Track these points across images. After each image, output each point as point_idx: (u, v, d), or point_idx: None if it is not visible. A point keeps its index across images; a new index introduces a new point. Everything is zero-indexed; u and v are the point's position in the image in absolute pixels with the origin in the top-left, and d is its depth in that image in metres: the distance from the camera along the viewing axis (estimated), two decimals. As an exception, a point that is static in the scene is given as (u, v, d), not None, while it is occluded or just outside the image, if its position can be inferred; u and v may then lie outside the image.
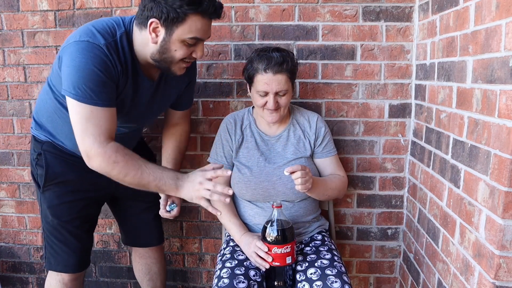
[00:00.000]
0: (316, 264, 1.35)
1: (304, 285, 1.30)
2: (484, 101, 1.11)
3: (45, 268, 1.90)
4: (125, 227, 1.72)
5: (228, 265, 1.37)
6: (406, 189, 1.84)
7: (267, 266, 1.32)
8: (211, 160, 1.57)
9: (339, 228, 1.90)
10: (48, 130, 1.41)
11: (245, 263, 1.38)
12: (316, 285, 1.27)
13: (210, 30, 1.26)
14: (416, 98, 1.72)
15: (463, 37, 1.25)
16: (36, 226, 2.00)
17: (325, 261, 1.35)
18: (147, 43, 1.22)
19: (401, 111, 1.77)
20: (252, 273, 1.34)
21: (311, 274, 1.31)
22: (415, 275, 1.70)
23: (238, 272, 1.33)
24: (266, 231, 1.32)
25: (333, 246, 1.48)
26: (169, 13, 1.14)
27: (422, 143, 1.63)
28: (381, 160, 1.82)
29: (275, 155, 1.51)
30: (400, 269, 1.92)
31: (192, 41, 1.21)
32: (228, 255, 1.43)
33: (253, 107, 1.57)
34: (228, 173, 1.20)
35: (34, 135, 1.45)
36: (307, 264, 1.37)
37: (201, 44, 1.26)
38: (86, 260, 1.55)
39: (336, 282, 1.26)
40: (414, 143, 1.74)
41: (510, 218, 1.01)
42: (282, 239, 1.30)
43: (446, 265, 1.37)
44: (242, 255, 1.42)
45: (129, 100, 1.32)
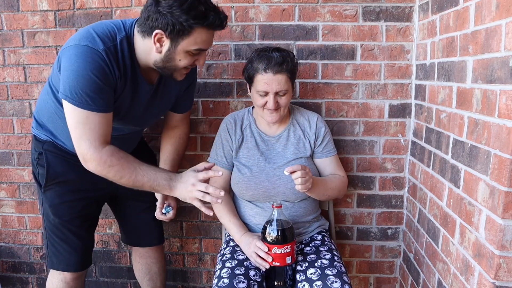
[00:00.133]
0: (316, 264, 1.35)
1: (304, 285, 1.30)
2: (484, 101, 1.11)
3: (46, 267, 1.90)
4: (125, 227, 1.72)
5: (228, 265, 1.37)
6: (406, 189, 1.84)
7: (267, 266, 1.32)
8: (211, 160, 1.57)
9: (339, 228, 1.90)
10: (49, 130, 1.41)
11: (245, 263, 1.38)
12: (316, 285, 1.27)
13: (213, 40, 1.28)
14: (416, 98, 1.72)
15: (463, 37, 1.25)
16: (36, 226, 2.00)
17: (325, 261, 1.35)
18: (150, 51, 1.23)
19: (401, 111, 1.77)
20: (252, 273, 1.34)
21: (311, 274, 1.31)
22: (415, 275, 1.70)
23: (238, 272, 1.33)
24: (266, 231, 1.32)
25: (333, 246, 1.48)
26: (174, 26, 1.15)
27: (422, 143, 1.63)
28: (381, 160, 1.82)
29: (275, 155, 1.51)
30: (400, 269, 1.92)
31: (196, 51, 1.23)
32: (228, 255, 1.43)
33: (253, 107, 1.57)
34: (220, 173, 1.22)
35: (35, 134, 1.45)
36: (307, 264, 1.37)
37: (204, 53, 1.28)
38: (88, 259, 1.56)
39: (336, 282, 1.26)
40: (414, 143, 1.74)
41: (510, 218, 1.01)
42: (282, 239, 1.30)
43: (446, 265, 1.36)
44: (242, 255, 1.42)
45: (127, 103, 1.32)
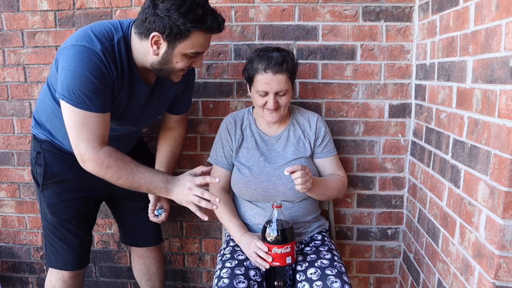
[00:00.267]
0: (316, 264, 1.35)
1: (304, 285, 1.30)
2: (484, 101, 1.11)
3: (45, 266, 1.90)
4: (123, 227, 1.72)
5: (228, 265, 1.37)
6: (406, 189, 1.84)
7: (267, 266, 1.32)
8: (211, 160, 1.58)
9: (339, 228, 1.90)
10: (47, 129, 1.41)
11: (245, 263, 1.38)
12: (316, 285, 1.27)
13: (210, 42, 1.28)
14: (416, 98, 1.72)
15: (463, 37, 1.25)
16: (36, 226, 2.00)
17: (325, 261, 1.35)
18: (147, 53, 1.23)
19: (401, 111, 1.77)
20: (252, 273, 1.34)
21: (311, 274, 1.31)
22: (415, 275, 1.70)
23: (238, 272, 1.32)
24: (266, 231, 1.32)
25: (333, 246, 1.48)
26: (172, 29, 1.15)
27: (422, 143, 1.63)
28: (381, 160, 1.82)
29: (275, 155, 1.51)
30: (400, 269, 1.91)
31: (193, 54, 1.23)
32: (228, 255, 1.43)
33: (253, 107, 1.57)
34: (217, 179, 1.22)
35: (34, 133, 1.45)
36: (307, 264, 1.37)
37: (201, 55, 1.28)
38: (86, 258, 1.56)
39: (336, 282, 1.26)
40: (414, 143, 1.74)
41: (510, 218, 1.01)
42: (282, 239, 1.30)
43: (446, 265, 1.36)
44: (242, 255, 1.42)
45: (124, 103, 1.32)
